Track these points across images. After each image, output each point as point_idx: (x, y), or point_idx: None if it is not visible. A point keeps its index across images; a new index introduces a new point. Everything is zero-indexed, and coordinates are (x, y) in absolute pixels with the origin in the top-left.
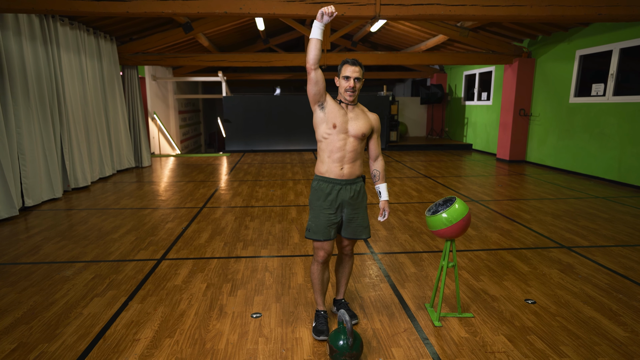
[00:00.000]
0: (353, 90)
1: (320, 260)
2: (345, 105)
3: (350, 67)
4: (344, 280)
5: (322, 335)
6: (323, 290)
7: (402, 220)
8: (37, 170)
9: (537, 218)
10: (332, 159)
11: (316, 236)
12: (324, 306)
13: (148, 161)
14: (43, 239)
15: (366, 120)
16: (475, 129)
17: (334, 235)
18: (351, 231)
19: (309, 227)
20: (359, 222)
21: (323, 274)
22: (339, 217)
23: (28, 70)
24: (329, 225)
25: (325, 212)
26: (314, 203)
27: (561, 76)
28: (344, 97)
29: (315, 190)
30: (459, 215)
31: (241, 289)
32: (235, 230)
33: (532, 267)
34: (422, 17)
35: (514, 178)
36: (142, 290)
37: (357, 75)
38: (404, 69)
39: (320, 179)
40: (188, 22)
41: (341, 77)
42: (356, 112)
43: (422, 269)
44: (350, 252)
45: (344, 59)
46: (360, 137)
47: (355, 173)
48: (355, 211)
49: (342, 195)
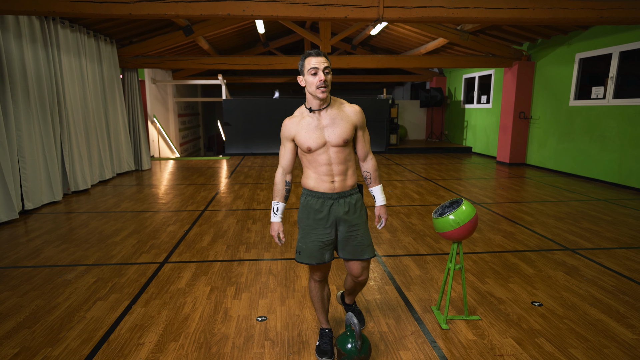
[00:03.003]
0: (325, 84)
1: (317, 279)
2: (317, 113)
3: (314, 58)
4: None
5: (326, 356)
6: (324, 308)
7: (405, 223)
8: (37, 173)
9: (540, 220)
10: (318, 174)
11: (308, 260)
12: (328, 324)
13: (148, 164)
14: (44, 242)
15: (345, 122)
16: (475, 132)
17: (328, 257)
18: (351, 250)
19: (299, 248)
20: (359, 240)
21: (322, 292)
22: (333, 236)
23: (29, 72)
24: (321, 247)
25: (315, 232)
26: (303, 222)
27: (561, 79)
28: (315, 96)
29: (304, 207)
30: (467, 217)
31: (245, 292)
32: (238, 233)
33: (537, 270)
34: (424, 20)
35: (514, 181)
36: (145, 294)
37: (325, 65)
38: (403, 72)
39: (309, 193)
40: (188, 25)
41: (307, 73)
42: (332, 115)
43: (427, 271)
44: (363, 281)
45: (305, 52)
46: (342, 144)
47: (349, 184)
48: (353, 228)
49: (335, 211)
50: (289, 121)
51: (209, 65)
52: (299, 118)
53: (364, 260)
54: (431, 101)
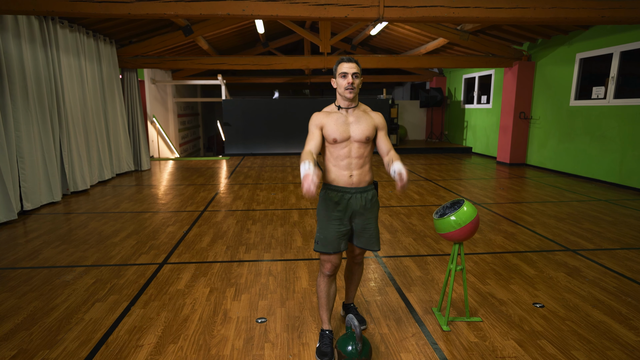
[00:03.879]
0: (352, 87)
1: (327, 273)
2: (345, 111)
3: (346, 64)
4: (354, 287)
5: (326, 357)
6: (329, 306)
7: (405, 224)
8: (36, 173)
9: (541, 221)
10: (338, 167)
11: (325, 249)
12: (329, 325)
13: (147, 165)
14: (42, 243)
15: (368, 122)
16: (475, 132)
17: (344, 247)
18: (364, 242)
19: (317, 239)
20: (372, 232)
21: (330, 288)
22: (349, 227)
23: (27, 72)
24: (338, 237)
25: (334, 222)
26: (322, 213)
27: (561, 79)
28: (343, 97)
29: (324, 200)
30: (468, 218)
31: (245, 294)
32: (237, 234)
33: (539, 271)
34: (425, 20)
35: (515, 181)
36: (144, 295)
37: (354, 71)
38: (403, 72)
39: (329, 187)
40: (188, 25)
41: (338, 76)
42: (357, 114)
43: (428, 272)
44: (361, 261)
45: (339, 59)
46: (364, 140)
47: (366, 179)
48: (367, 221)
49: (353, 204)
50: (319, 113)
51: (208, 65)
52: (328, 113)
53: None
54: (431, 101)
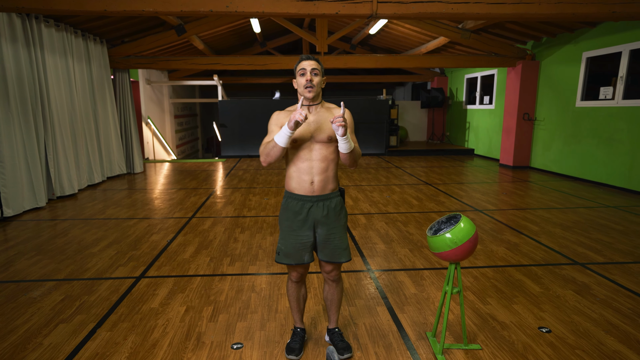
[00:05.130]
0: (311, 84)
1: (294, 280)
2: (306, 108)
3: (305, 61)
4: (334, 308)
5: (292, 354)
6: (300, 308)
7: (402, 232)
8: (18, 178)
9: (546, 230)
10: (299, 172)
11: (287, 260)
12: (301, 323)
13: (140, 167)
14: (17, 254)
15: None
16: (477, 133)
17: (308, 259)
18: (328, 253)
19: (279, 249)
20: (337, 243)
21: (299, 292)
22: (312, 238)
23: (8, 73)
24: (300, 248)
25: (294, 233)
26: (283, 223)
27: (567, 79)
28: (304, 96)
29: (285, 209)
30: (465, 236)
31: (223, 314)
32: (224, 244)
33: (544, 288)
34: (422, 16)
35: (518, 185)
36: (114, 315)
37: (313, 66)
38: (404, 72)
39: (289, 195)
40: (181, 24)
41: (297, 75)
42: (320, 113)
43: (423, 289)
44: (336, 278)
45: (300, 57)
46: (326, 141)
47: (329, 187)
48: (331, 231)
49: (314, 213)
50: (280, 112)
51: (202, 65)
52: (289, 112)
53: (339, 263)
54: (432, 102)
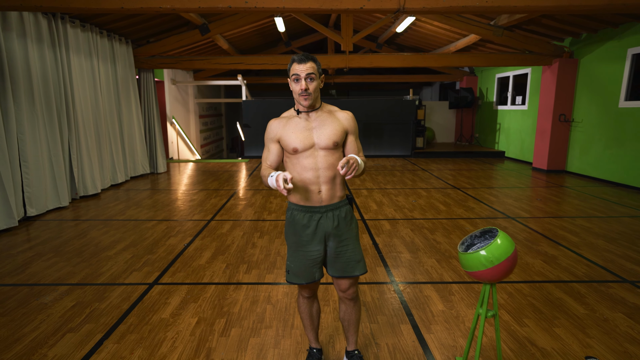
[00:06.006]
0: (307, 92)
1: (306, 296)
2: (305, 114)
3: (298, 65)
4: (353, 329)
5: None
6: (314, 325)
7: (429, 241)
8: (41, 178)
9: (587, 241)
10: (304, 182)
11: (297, 280)
12: (316, 343)
13: (164, 167)
14: (34, 255)
15: (335, 125)
16: (509, 135)
17: (319, 276)
18: (340, 267)
19: (288, 267)
20: (349, 255)
21: (311, 308)
22: (322, 253)
23: (34, 73)
24: (311, 265)
25: (303, 249)
26: (290, 239)
27: (609, 78)
28: (300, 104)
29: (290, 224)
30: (503, 254)
31: (236, 327)
32: (241, 249)
33: (589, 309)
34: (453, 10)
35: (553, 190)
36: (122, 325)
37: (308, 71)
38: (431, 71)
39: (294, 208)
40: (204, 23)
41: (291, 79)
42: (321, 117)
43: (452, 305)
44: (353, 296)
45: (291, 58)
46: (331, 147)
47: (337, 195)
48: (343, 243)
49: (324, 225)
50: (275, 122)
51: (225, 65)
52: (286, 119)
53: (354, 277)
54: (461, 102)
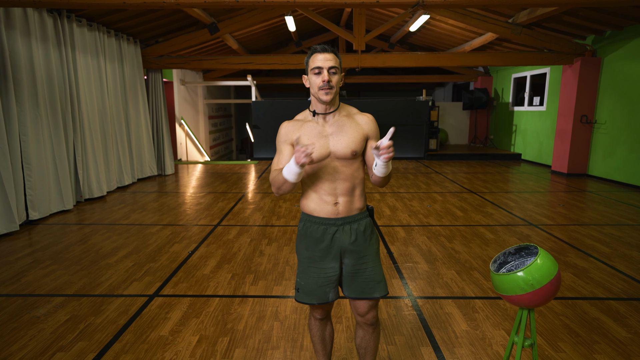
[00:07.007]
0: (329, 85)
1: (318, 317)
2: (321, 118)
3: (320, 54)
4: (370, 358)
5: None
6: (326, 350)
7: (447, 250)
8: (45, 180)
9: (619, 252)
10: (319, 193)
11: (308, 299)
12: None
13: (171, 169)
14: (33, 262)
15: (354, 131)
16: (526, 137)
17: (333, 296)
18: (357, 288)
19: (298, 285)
20: (369, 275)
21: (324, 331)
22: (338, 271)
23: (38, 73)
24: (324, 284)
25: (316, 265)
26: (302, 253)
27: (636, 77)
28: (319, 100)
29: (302, 236)
30: (545, 277)
31: (240, 347)
32: (248, 258)
33: (632, 332)
34: (474, 4)
35: (576, 196)
36: (117, 344)
37: (331, 64)
38: (444, 72)
39: (308, 219)
40: (213, 22)
41: (310, 73)
42: (339, 122)
43: (477, 325)
44: (373, 321)
45: (310, 49)
46: (350, 157)
47: (356, 206)
48: (361, 260)
49: (340, 239)
50: (289, 124)
51: (234, 65)
52: (300, 122)
53: (373, 299)
54: (475, 103)
